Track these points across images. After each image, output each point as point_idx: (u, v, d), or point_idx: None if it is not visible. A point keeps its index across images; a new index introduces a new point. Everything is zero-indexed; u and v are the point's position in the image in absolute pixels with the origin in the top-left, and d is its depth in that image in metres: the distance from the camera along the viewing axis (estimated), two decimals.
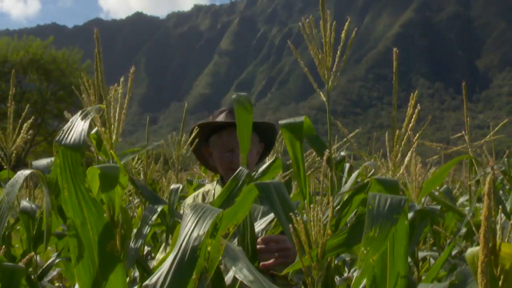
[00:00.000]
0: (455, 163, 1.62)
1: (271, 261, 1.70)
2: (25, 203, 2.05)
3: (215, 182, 2.42)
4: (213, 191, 2.33)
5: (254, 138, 2.30)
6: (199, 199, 2.37)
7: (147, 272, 1.57)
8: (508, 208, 2.41)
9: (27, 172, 1.19)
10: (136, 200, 3.60)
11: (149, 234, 2.44)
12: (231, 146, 2.25)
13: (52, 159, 1.39)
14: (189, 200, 2.44)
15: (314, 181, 3.38)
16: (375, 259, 0.98)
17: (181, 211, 2.35)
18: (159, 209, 1.61)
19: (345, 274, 3.26)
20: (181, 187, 1.99)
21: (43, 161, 1.46)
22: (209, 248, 1.09)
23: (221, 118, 2.36)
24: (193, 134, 2.22)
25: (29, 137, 1.98)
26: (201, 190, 2.45)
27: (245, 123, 1.45)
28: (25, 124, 1.93)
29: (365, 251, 0.97)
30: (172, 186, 1.94)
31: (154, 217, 1.56)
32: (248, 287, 1.05)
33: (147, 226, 1.46)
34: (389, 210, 1.00)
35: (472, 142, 2.20)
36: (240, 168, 1.41)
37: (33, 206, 2.09)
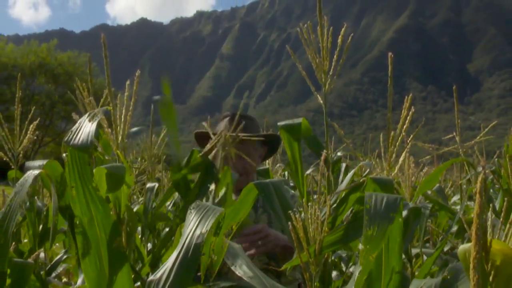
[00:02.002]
0: (449, 165, 1.62)
1: (253, 251, 1.78)
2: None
3: None
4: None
5: (256, 143, 2.29)
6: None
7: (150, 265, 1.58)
8: (497, 206, 2.42)
9: (36, 172, 1.19)
10: (140, 199, 3.59)
11: None
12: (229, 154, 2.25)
13: (44, 161, 1.39)
14: None
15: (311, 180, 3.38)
16: (374, 256, 0.97)
17: None
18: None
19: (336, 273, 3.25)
20: (156, 185, 1.94)
21: (36, 163, 1.46)
22: (213, 246, 1.09)
23: (223, 124, 2.34)
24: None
25: (35, 138, 1.97)
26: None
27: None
28: (31, 126, 1.93)
29: (364, 250, 0.96)
30: (148, 185, 1.90)
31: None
32: None
33: None
34: (385, 208, 1.00)
35: (463, 143, 2.20)
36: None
37: (40, 204, 2.09)
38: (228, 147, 2.23)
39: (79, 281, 1.49)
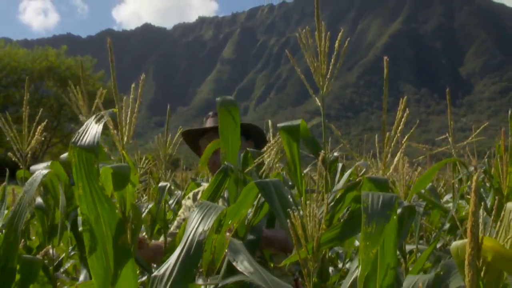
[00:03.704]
0: (442, 165, 1.62)
1: None
2: (40, 199, 2.04)
3: None
4: None
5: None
6: (199, 196, 2.36)
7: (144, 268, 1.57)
8: (488, 204, 2.41)
9: (45, 172, 1.19)
10: (145, 197, 3.58)
11: (155, 229, 2.43)
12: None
13: (48, 163, 1.39)
14: (190, 194, 2.42)
15: (309, 180, 3.37)
16: (374, 252, 0.98)
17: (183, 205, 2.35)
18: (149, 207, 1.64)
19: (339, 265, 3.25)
20: (168, 185, 1.95)
21: (40, 166, 1.46)
22: (214, 243, 1.09)
23: (207, 122, 2.38)
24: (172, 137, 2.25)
25: (43, 139, 1.97)
26: (201, 188, 2.44)
27: (229, 126, 1.45)
28: (39, 127, 1.93)
29: (364, 246, 0.96)
30: (160, 184, 1.90)
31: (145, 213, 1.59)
32: None
33: None
34: (382, 207, 1.00)
35: (456, 143, 2.20)
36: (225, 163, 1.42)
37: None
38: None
39: (81, 278, 1.49)
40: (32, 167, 1.46)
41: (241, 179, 1.48)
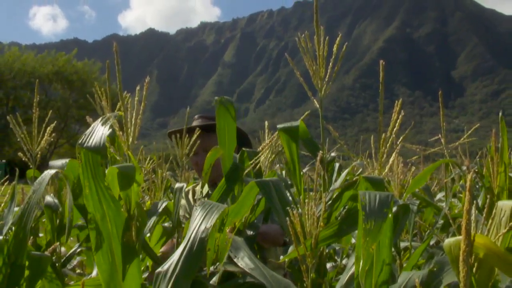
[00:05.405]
0: (437, 166, 1.63)
1: None
2: (49, 198, 2.04)
3: None
4: (200, 189, 2.32)
5: None
6: (190, 194, 2.36)
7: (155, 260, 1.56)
8: (480, 203, 2.41)
9: (52, 171, 1.19)
10: (147, 197, 3.56)
11: None
12: (195, 149, 2.24)
13: (67, 160, 1.39)
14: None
15: (307, 179, 3.37)
16: (368, 248, 0.97)
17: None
18: (163, 205, 1.63)
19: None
20: (185, 186, 1.95)
21: (58, 162, 1.45)
22: (218, 242, 1.09)
23: (193, 123, 2.38)
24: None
25: (52, 139, 1.97)
26: (190, 187, 2.44)
27: (226, 122, 1.45)
28: (48, 128, 1.93)
29: (364, 242, 0.96)
30: (176, 185, 1.91)
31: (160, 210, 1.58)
32: None
33: (152, 219, 1.47)
34: (379, 205, 1.00)
35: (448, 144, 2.20)
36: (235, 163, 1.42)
37: (56, 201, 2.08)
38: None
39: (94, 273, 1.50)
40: (51, 163, 1.46)
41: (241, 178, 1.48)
